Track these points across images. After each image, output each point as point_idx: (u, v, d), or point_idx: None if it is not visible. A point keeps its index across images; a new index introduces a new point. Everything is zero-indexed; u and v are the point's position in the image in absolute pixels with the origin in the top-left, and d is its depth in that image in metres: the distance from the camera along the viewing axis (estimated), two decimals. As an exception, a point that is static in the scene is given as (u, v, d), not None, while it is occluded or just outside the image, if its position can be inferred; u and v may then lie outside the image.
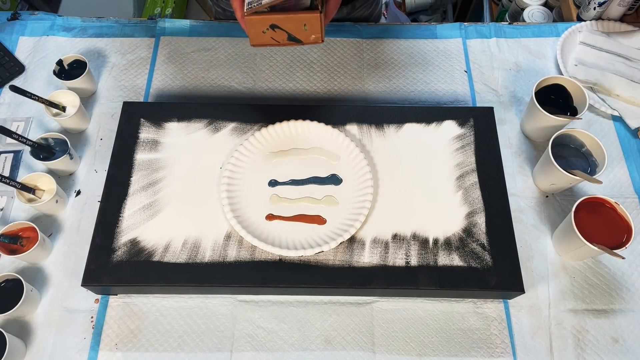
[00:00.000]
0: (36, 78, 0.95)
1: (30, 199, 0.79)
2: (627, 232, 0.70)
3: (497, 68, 0.96)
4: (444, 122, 0.83)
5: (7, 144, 0.87)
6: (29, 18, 1.02)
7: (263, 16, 0.62)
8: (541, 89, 0.83)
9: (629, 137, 0.89)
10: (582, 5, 1.04)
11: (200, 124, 0.83)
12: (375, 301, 0.75)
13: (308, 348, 0.72)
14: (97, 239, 0.73)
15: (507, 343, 0.72)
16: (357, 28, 1.02)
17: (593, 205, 0.72)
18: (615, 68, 0.94)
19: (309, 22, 0.62)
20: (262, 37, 0.64)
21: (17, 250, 0.74)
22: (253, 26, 0.63)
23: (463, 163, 0.79)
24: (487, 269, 0.71)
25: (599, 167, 0.76)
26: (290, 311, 0.74)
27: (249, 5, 0.63)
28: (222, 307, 0.75)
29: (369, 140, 0.82)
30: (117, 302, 0.75)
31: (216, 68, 0.96)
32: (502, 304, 0.75)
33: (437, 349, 0.72)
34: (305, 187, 0.78)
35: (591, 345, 0.72)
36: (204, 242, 0.74)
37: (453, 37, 1.01)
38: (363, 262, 0.72)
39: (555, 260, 0.78)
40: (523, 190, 0.83)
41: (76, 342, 0.72)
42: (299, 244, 0.72)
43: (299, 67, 0.97)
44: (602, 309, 0.74)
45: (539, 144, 0.88)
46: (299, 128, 0.81)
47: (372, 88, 0.95)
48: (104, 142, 0.88)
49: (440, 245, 0.73)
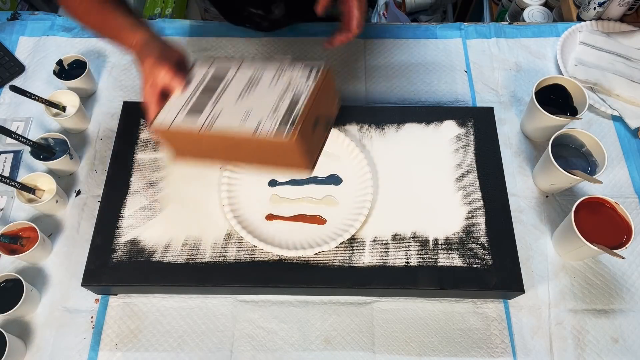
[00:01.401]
0: (36, 78, 0.95)
1: (30, 199, 0.79)
2: (627, 232, 0.70)
3: (497, 68, 0.96)
4: (444, 122, 0.83)
5: (7, 144, 0.87)
6: (29, 18, 1.02)
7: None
8: (541, 89, 0.82)
9: (629, 137, 0.89)
10: (582, 5, 1.04)
11: (200, 124, 0.83)
12: (375, 301, 0.75)
13: (308, 348, 0.72)
14: (97, 239, 0.73)
15: (507, 343, 0.72)
16: (357, 28, 1.02)
17: (593, 205, 0.72)
18: (615, 68, 0.94)
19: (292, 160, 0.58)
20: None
21: (17, 250, 0.74)
22: None
23: (463, 163, 0.79)
24: (487, 269, 0.71)
25: (599, 167, 0.76)
26: (290, 311, 0.74)
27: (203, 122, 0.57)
28: (222, 307, 0.75)
29: (369, 140, 0.82)
30: (117, 302, 0.75)
31: (216, 68, 0.96)
32: (502, 304, 0.75)
33: (437, 349, 0.72)
34: (305, 187, 0.78)
35: (591, 345, 0.72)
36: (204, 242, 0.74)
37: (453, 37, 1.01)
38: (363, 262, 0.72)
39: (555, 260, 0.78)
40: (523, 190, 0.83)
41: (76, 342, 0.72)
42: (299, 244, 0.72)
43: (299, 67, 0.97)
44: (602, 309, 0.74)
45: (539, 144, 0.88)
46: (299, 128, 0.81)
47: (372, 88, 0.95)
48: (104, 142, 0.88)
49: (440, 245, 0.73)
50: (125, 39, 0.63)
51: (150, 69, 0.59)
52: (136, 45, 0.62)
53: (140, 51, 0.61)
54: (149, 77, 0.60)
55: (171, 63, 0.60)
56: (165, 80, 0.59)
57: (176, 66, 0.61)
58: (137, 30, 0.63)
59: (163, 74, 0.59)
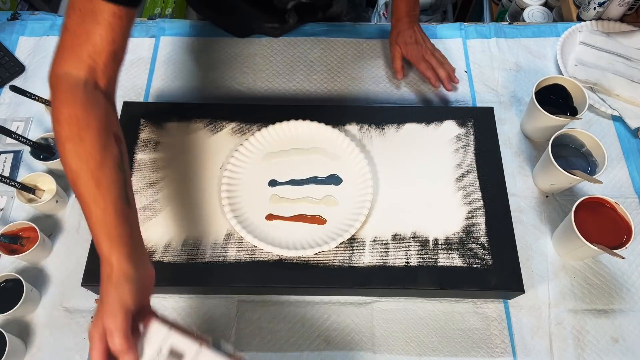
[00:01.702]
0: (36, 78, 0.95)
1: (30, 199, 0.79)
2: (627, 232, 0.70)
3: (497, 68, 0.96)
4: (444, 122, 0.83)
5: (7, 144, 0.87)
6: (29, 18, 1.03)
7: None
8: (541, 89, 0.82)
9: (629, 137, 0.89)
10: (582, 5, 1.04)
11: (200, 124, 0.83)
12: (375, 301, 0.75)
13: (308, 348, 0.72)
14: (97, 239, 0.73)
15: (507, 343, 0.72)
16: (357, 28, 1.02)
17: (593, 205, 0.72)
18: (615, 68, 0.94)
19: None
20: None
21: (17, 250, 0.74)
22: None
23: (463, 163, 0.79)
24: (487, 269, 0.71)
25: (599, 167, 0.76)
26: (290, 311, 0.74)
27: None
28: (222, 307, 0.75)
29: (369, 140, 0.82)
30: (117, 302, 0.75)
31: (216, 68, 0.96)
32: (502, 304, 0.75)
33: (437, 349, 0.72)
34: (305, 187, 0.78)
35: (591, 345, 0.72)
36: (204, 242, 0.74)
37: (453, 37, 1.01)
38: (363, 262, 0.72)
39: (555, 260, 0.78)
40: (523, 190, 0.83)
41: (76, 342, 0.72)
42: (299, 244, 0.72)
43: (299, 67, 0.97)
44: (602, 309, 0.74)
45: (539, 144, 0.88)
46: (299, 128, 0.81)
47: (372, 88, 0.95)
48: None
49: (440, 245, 0.73)
50: (101, 247, 0.53)
51: (106, 323, 0.50)
52: (106, 269, 0.52)
53: (106, 283, 0.52)
54: (101, 334, 0.50)
55: (129, 324, 0.50)
56: (116, 348, 0.49)
57: (136, 318, 0.52)
58: (115, 249, 0.52)
59: (118, 341, 0.49)
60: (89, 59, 0.57)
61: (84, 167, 0.54)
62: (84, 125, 0.55)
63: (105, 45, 0.58)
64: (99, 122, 0.57)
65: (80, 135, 0.55)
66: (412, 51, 0.92)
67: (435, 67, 0.91)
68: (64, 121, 0.55)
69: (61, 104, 0.56)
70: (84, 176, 0.54)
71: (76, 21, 0.57)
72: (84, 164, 0.54)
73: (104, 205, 0.54)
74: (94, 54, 0.57)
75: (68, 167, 0.55)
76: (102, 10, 0.56)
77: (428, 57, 0.92)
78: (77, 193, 0.55)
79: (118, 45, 0.59)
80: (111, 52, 0.58)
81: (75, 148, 0.54)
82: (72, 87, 0.57)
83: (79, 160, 0.54)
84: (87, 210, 0.54)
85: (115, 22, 0.57)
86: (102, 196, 0.54)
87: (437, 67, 0.91)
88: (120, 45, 0.60)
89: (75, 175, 0.54)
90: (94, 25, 0.57)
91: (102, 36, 0.57)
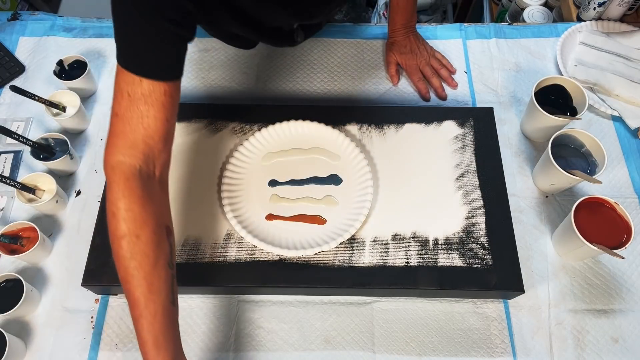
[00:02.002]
0: (36, 78, 0.95)
1: (31, 199, 0.79)
2: (627, 232, 0.70)
3: (497, 68, 0.96)
4: (444, 122, 0.83)
5: (7, 144, 0.87)
6: (29, 18, 1.03)
7: None
8: (541, 89, 0.83)
9: (628, 137, 0.89)
10: (582, 6, 1.04)
11: (200, 124, 0.83)
12: (375, 301, 0.75)
13: (308, 348, 0.72)
14: (97, 239, 0.73)
15: (507, 343, 0.72)
16: (357, 28, 1.02)
17: (593, 205, 0.72)
18: (615, 68, 0.94)
19: None
20: None
21: (17, 250, 0.74)
22: None
23: (463, 163, 0.79)
24: (487, 269, 0.71)
25: (599, 167, 0.76)
26: (290, 311, 0.74)
27: None
28: (222, 307, 0.75)
29: (369, 140, 0.82)
30: (117, 302, 0.75)
31: (216, 68, 0.96)
32: (502, 304, 0.75)
33: (437, 349, 0.72)
34: (305, 187, 0.78)
35: (591, 345, 0.72)
36: (204, 242, 0.74)
37: (453, 37, 1.01)
38: (363, 262, 0.72)
39: (555, 260, 0.78)
40: (523, 190, 0.83)
41: (76, 342, 0.72)
42: (299, 244, 0.72)
43: (299, 67, 0.97)
44: (602, 309, 0.74)
45: (539, 144, 0.88)
46: (299, 128, 0.81)
47: (372, 88, 0.95)
48: (104, 142, 0.88)
49: (440, 245, 0.73)
50: (147, 351, 0.55)
51: None
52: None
53: None
54: None
55: None
56: None
57: None
58: (160, 357, 0.54)
59: None
60: (143, 144, 0.56)
61: (138, 267, 0.54)
62: (140, 222, 0.55)
63: (159, 126, 0.56)
64: (155, 218, 0.56)
65: (137, 234, 0.54)
66: (407, 61, 0.94)
67: (428, 77, 0.93)
68: (121, 217, 0.54)
69: (117, 198, 0.55)
70: (137, 277, 0.54)
71: (126, 106, 0.55)
72: (138, 264, 0.54)
73: (154, 308, 0.54)
74: (147, 138, 0.56)
75: (122, 266, 0.54)
76: (152, 90, 0.55)
77: (422, 66, 0.93)
78: (128, 292, 0.54)
79: (171, 124, 0.58)
80: (165, 132, 0.57)
81: (131, 247, 0.54)
82: (128, 178, 0.55)
83: (133, 260, 0.54)
84: (136, 312, 0.54)
85: (167, 100, 0.56)
86: (153, 300, 0.54)
87: (430, 77, 0.93)
88: (172, 123, 0.59)
89: (129, 276, 0.54)
90: (146, 108, 0.55)
91: (155, 117, 0.56)
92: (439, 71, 0.94)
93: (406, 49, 0.94)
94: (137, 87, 0.55)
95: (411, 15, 0.93)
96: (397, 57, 0.94)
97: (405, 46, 0.94)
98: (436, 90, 0.92)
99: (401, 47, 0.94)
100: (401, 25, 0.93)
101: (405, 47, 0.94)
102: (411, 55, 0.94)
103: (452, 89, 0.94)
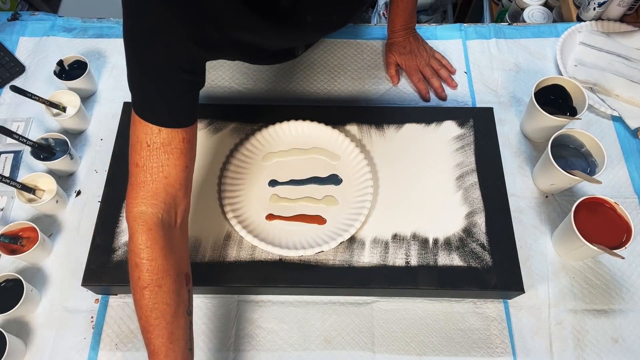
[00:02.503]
0: (36, 78, 0.95)
1: (31, 199, 0.79)
2: (626, 232, 0.70)
3: (497, 69, 0.96)
4: (444, 122, 0.83)
5: (8, 144, 0.87)
6: (29, 18, 1.03)
7: None
8: (541, 90, 0.83)
9: (628, 137, 0.89)
10: (582, 6, 1.04)
11: (201, 124, 0.83)
12: (375, 301, 0.75)
13: (308, 348, 0.72)
14: (97, 239, 0.74)
15: (507, 343, 0.72)
16: (357, 29, 1.02)
17: (593, 206, 0.72)
18: (615, 68, 0.94)
19: None
20: None
21: (17, 250, 0.74)
22: None
23: (463, 163, 0.79)
24: (487, 269, 0.71)
25: (599, 167, 0.76)
26: (290, 311, 0.74)
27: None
28: (222, 307, 0.75)
29: (369, 140, 0.82)
30: (117, 302, 0.75)
31: (216, 68, 0.96)
32: (502, 304, 0.75)
33: (437, 349, 0.72)
34: (305, 187, 0.78)
35: (591, 345, 0.72)
36: (204, 242, 0.74)
37: (453, 38, 1.01)
38: (363, 262, 0.72)
39: (555, 260, 0.78)
40: (523, 190, 0.83)
41: (76, 342, 0.72)
42: (299, 244, 0.72)
43: (299, 67, 0.97)
44: (602, 309, 0.74)
45: (539, 144, 0.88)
46: (299, 128, 0.81)
47: (372, 88, 0.95)
48: (104, 142, 0.88)
49: (440, 245, 0.73)
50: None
51: None
52: None
53: None
54: None
55: None
56: None
57: None
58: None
59: None
60: (164, 193, 0.57)
61: (160, 317, 0.55)
62: (163, 273, 0.56)
63: (180, 173, 0.57)
64: (176, 267, 0.57)
65: (159, 284, 0.55)
66: (406, 62, 0.94)
67: (428, 78, 0.93)
68: (144, 268, 0.55)
69: (140, 250, 0.56)
70: (159, 328, 0.55)
71: (146, 156, 0.56)
72: (160, 314, 0.55)
73: (174, 357, 0.55)
74: (168, 187, 0.57)
75: (144, 315, 0.55)
76: (172, 139, 0.56)
77: (422, 67, 0.94)
78: (149, 341, 0.55)
79: (190, 170, 0.59)
80: (185, 179, 0.58)
81: (153, 297, 0.55)
82: (151, 228, 0.56)
83: (155, 310, 0.55)
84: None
85: (185, 147, 0.57)
86: (173, 349, 0.55)
87: (429, 78, 0.93)
88: (191, 169, 0.59)
89: (151, 326, 0.55)
90: (166, 156, 0.56)
91: (176, 165, 0.56)
92: (439, 72, 0.94)
93: (406, 49, 0.94)
94: (156, 137, 0.56)
95: (411, 17, 0.93)
96: (396, 58, 0.94)
97: (405, 47, 0.94)
98: (436, 90, 0.93)
99: (401, 48, 0.94)
100: (401, 27, 0.93)
101: (405, 48, 0.94)
102: (411, 56, 0.94)
103: (452, 89, 0.94)
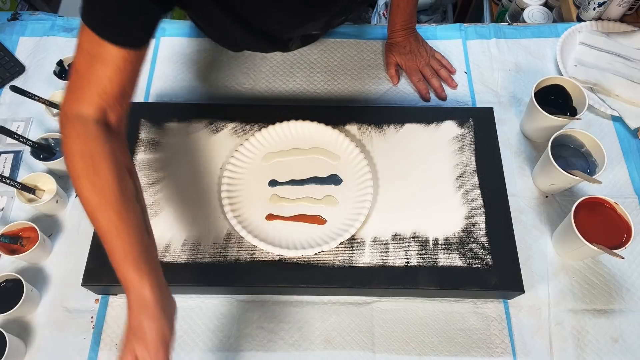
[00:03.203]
0: (36, 78, 0.95)
1: (31, 199, 0.79)
2: (626, 232, 0.70)
3: (497, 69, 0.96)
4: (444, 122, 0.83)
5: (8, 144, 0.87)
6: (29, 18, 1.03)
7: None
8: (541, 90, 0.83)
9: (628, 138, 0.89)
10: (582, 6, 1.04)
11: (200, 124, 0.83)
12: (375, 301, 0.75)
13: (308, 348, 0.72)
14: (97, 239, 0.73)
15: (507, 343, 0.72)
16: (356, 29, 1.02)
17: (593, 206, 0.72)
18: (615, 68, 0.94)
19: None
20: None
21: (17, 250, 0.74)
22: None
23: (463, 163, 0.79)
24: (487, 269, 0.71)
25: (599, 168, 0.76)
26: (290, 311, 0.74)
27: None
28: (222, 307, 0.75)
29: (369, 140, 0.82)
30: (117, 302, 0.75)
31: (216, 68, 0.96)
32: (502, 304, 0.75)
33: (437, 349, 0.72)
34: (305, 187, 0.78)
35: (591, 345, 0.72)
36: (204, 242, 0.74)
37: (453, 38, 1.01)
38: (363, 262, 0.72)
39: (555, 260, 0.78)
40: (523, 190, 0.83)
41: (76, 342, 0.72)
42: (299, 244, 0.72)
43: (299, 67, 0.97)
44: (602, 309, 0.74)
45: (539, 144, 0.88)
46: (299, 128, 0.81)
47: (372, 88, 0.95)
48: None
49: (440, 245, 0.73)
50: (129, 278, 0.53)
51: (146, 357, 0.51)
52: (139, 300, 0.53)
53: (143, 315, 0.52)
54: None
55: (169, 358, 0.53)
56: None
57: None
58: (146, 281, 0.53)
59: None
60: (99, 99, 0.56)
61: (103, 200, 0.54)
62: (98, 158, 0.55)
63: (115, 87, 0.57)
64: (112, 156, 0.56)
65: (96, 168, 0.54)
66: (407, 62, 0.94)
67: (428, 78, 0.93)
68: (77, 155, 0.55)
69: (72, 141, 0.55)
70: (105, 209, 0.54)
71: (84, 64, 0.56)
72: (103, 196, 0.54)
73: (129, 238, 0.54)
74: (103, 95, 0.56)
75: (86, 200, 0.54)
76: (110, 54, 0.55)
77: (422, 67, 0.94)
78: (98, 226, 0.54)
79: (127, 86, 0.58)
80: (120, 93, 0.57)
81: (92, 180, 0.54)
82: (83, 124, 0.56)
83: (97, 193, 0.54)
84: (110, 243, 0.54)
85: (124, 66, 0.56)
86: (125, 229, 0.54)
87: (429, 78, 0.93)
88: (130, 85, 0.59)
89: (95, 209, 0.54)
90: (103, 69, 0.55)
91: (111, 79, 0.56)
92: (439, 72, 0.94)
93: (406, 49, 0.94)
94: (96, 48, 0.55)
95: (411, 17, 0.93)
96: (396, 58, 0.95)
97: (405, 47, 0.94)
98: (436, 90, 0.93)
99: (401, 48, 0.94)
100: (401, 27, 0.93)
101: (405, 48, 0.94)
102: (411, 56, 0.94)
103: (452, 89, 0.94)
